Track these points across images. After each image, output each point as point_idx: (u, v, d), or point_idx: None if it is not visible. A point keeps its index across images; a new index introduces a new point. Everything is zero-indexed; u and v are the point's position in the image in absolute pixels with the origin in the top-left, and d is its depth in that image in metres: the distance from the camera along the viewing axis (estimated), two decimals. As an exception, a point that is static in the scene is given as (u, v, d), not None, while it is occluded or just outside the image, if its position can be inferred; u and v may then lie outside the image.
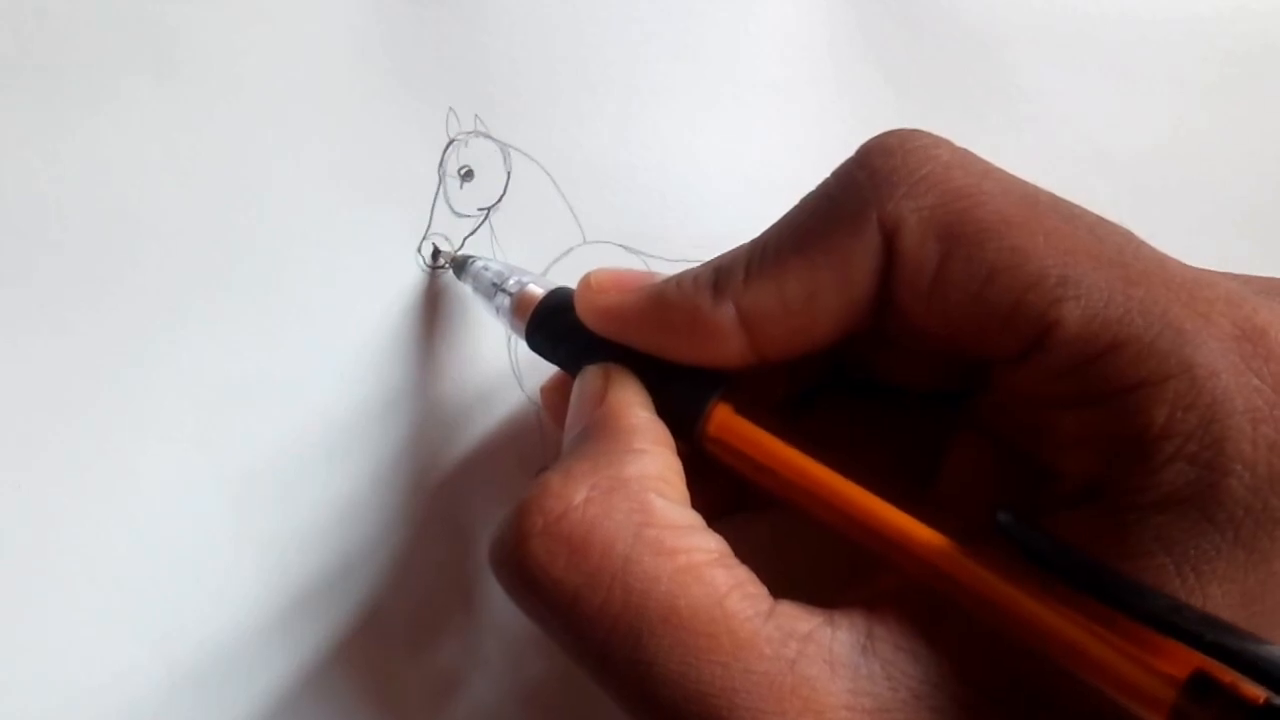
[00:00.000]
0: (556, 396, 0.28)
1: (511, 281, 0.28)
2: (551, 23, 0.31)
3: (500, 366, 0.31)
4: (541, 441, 0.31)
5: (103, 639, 0.28)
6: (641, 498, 0.22)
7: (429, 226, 0.31)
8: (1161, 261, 0.21)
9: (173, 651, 0.28)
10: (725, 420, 0.24)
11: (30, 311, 0.27)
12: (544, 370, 0.30)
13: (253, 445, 0.29)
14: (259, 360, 0.29)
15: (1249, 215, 0.34)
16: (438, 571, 0.31)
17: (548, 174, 0.31)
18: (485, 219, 0.31)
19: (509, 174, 0.31)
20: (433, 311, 0.31)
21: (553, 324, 0.27)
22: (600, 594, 0.21)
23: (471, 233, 0.31)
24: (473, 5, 0.30)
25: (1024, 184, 0.22)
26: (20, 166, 0.27)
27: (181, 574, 0.28)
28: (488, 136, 0.31)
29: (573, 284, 0.26)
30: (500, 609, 0.31)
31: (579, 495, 0.22)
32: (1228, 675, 0.18)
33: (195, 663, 0.28)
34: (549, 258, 0.31)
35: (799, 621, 0.21)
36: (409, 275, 0.30)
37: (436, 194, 0.31)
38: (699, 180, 0.32)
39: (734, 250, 0.24)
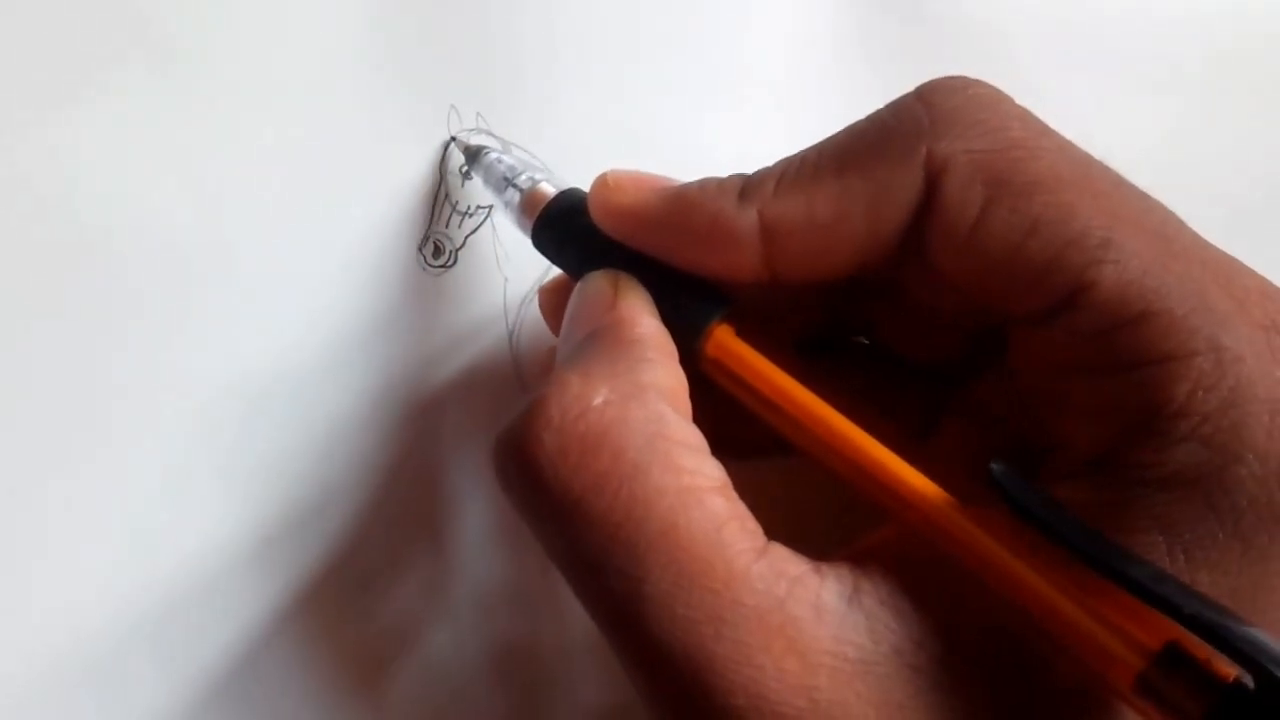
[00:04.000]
0: (555, 299, 0.28)
1: (523, 177, 0.28)
2: (553, 20, 0.31)
3: (501, 365, 0.31)
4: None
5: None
6: (657, 407, 0.21)
7: (430, 224, 0.31)
8: (1202, 243, 0.21)
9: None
10: (725, 341, 0.24)
11: (26, 308, 0.27)
12: (544, 369, 0.30)
13: (254, 444, 0.29)
14: (257, 358, 0.29)
15: (1246, 215, 0.33)
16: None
17: (549, 172, 0.31)
18: (487, 217, 0.31)
19: (510, 172, 0.31)
20: (433, 310, 0.31)
21: (561, 224, 0.27)
22: (605, 499, 0.20)
23: (473, 231, 0.31)
24: (474, 2, 0.31)
25: (1079, 148, 0.22)
26: (15, 162, 0.27)
27: (184, 572, 0.29)
28: (489, 134, 0.31)
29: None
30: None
31: (598, 397, 0.21)
32: (1203, 651, 0.17)
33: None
34: (549, 256, 0.31)
35: (789, 564, 0.20)
36: (410, 273, 0.30)
37: (438, 192, 0.31)
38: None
39: (769, 165, 0.24)
